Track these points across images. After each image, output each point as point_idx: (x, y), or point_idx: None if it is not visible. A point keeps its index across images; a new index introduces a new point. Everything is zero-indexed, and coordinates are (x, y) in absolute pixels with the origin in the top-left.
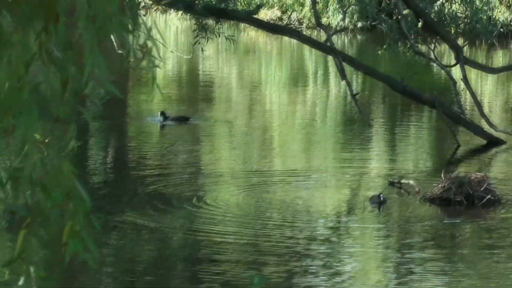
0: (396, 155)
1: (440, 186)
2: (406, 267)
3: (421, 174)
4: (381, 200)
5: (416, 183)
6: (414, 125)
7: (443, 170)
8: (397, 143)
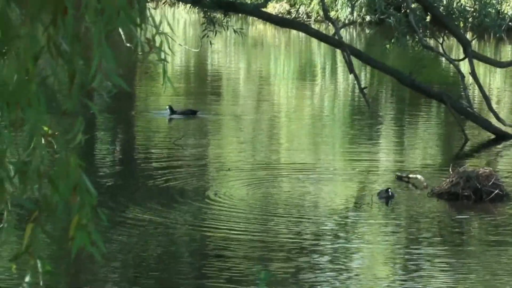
0: (404, 149)
1: (448, 181)
2: (414, 263)
3: (429, 168)
4: (389, 194)
5: (424, 178)
6: (422, 119)
7: (451, 165)
8: (405, 137)
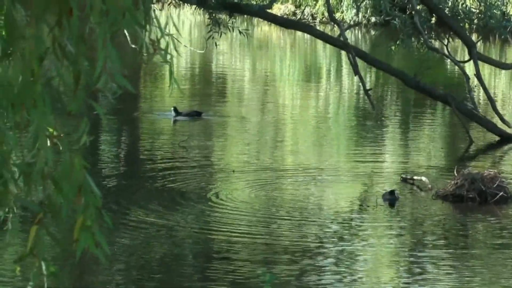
0: (408, 151)
1: (452, 183)
2: (419, 265)
3: (433, 170)
4: (394, 196)
5: (428, 180)
6: (427, 121)
7: (456, 167)
8: (409, 139)
